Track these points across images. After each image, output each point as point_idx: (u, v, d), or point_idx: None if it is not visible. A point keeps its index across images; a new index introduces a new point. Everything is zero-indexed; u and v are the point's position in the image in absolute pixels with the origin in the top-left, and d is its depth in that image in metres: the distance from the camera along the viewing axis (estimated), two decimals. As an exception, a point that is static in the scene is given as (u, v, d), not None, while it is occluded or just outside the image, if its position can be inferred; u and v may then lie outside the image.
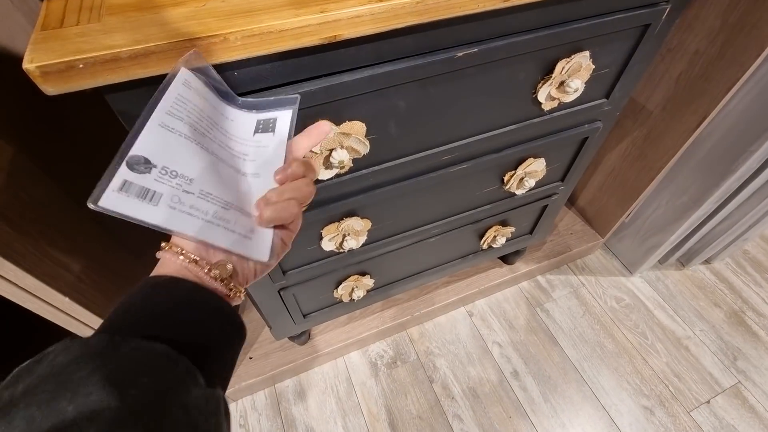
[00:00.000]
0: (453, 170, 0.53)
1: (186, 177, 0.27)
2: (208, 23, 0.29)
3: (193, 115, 0.28)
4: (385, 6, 0.31)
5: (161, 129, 0.26)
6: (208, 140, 0.29)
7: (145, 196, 0.25)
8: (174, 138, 0.27)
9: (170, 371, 0.21)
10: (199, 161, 0.27)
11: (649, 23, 0.46)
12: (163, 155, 0.26)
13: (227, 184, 0.29)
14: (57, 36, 0.27)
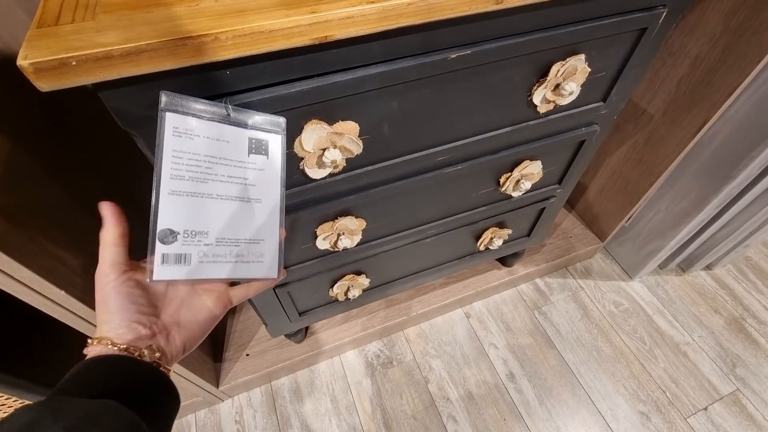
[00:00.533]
0: (448, 171, 0.54)
1: (203, 232, 0.33)
2: (200, 22, 0.29)
3: (192, 165, 0.32)
4: (376, 7, 0.31)
5: (171, 197, 0.32)
6: (212, 183, 0.33)
7: (180, 260, 0.33)
8: (183, 200, 0.32)
9: (121, 419, 0.25)
10: (208, 213, 0.33)
11: (646, 27, 0.46)
12: (180, 221, 0.32)
13: (236, 221, 0.35)
14: (52, 33, 0.28)
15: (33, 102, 0.48)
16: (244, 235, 0.35)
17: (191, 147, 0.32)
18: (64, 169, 0.51)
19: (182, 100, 0.31)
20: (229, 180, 0.34)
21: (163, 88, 0.31)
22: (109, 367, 0.28)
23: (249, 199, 0.35)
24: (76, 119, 0.56)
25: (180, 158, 0.31)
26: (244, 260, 0.35)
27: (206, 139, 0.33)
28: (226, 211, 0.34)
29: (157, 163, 0.31)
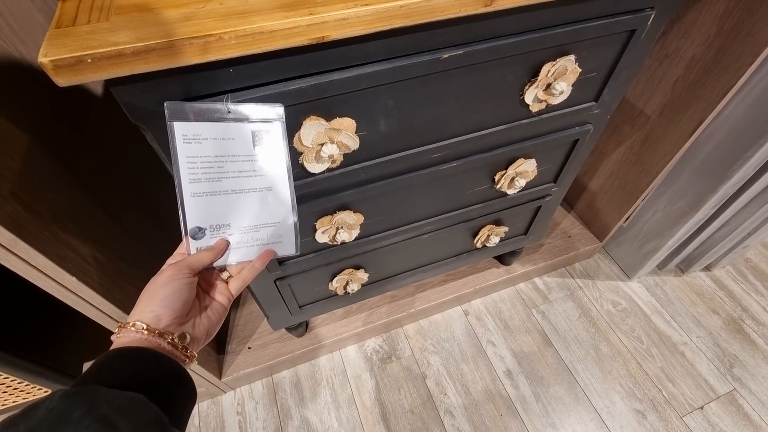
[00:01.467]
0: (443, 168, 0.55)
1: (225, 224, 0.38)
2: (205, 23, 0.31)
3: (205, 167, 0.36)
4: (370, 9, 0.33)
5: (193, 198, 0.36)
6: (225, 180, 0.37)
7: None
8: (204, 200, 0.37)
9: (147, 413, 0.26)
10: (227, 207, 0.38)
11: (635, 29, 0.48)
12: (204, 218, 0.38)
13: (252, 210, 0.39)
14: (69, 33, 0.30)
15: (49, 102, 0.51)
16: (261, 221, 0.40)
17: (201, 151, 0.35)
18: (76, 163, 0.53)
19: (185, 107, 0.34)
20: (240, 175, 0.37)
21: (171, 87, 0.33)
22: (135, 360, 0.30)
23: (260, 188, 0.39)
24: (88, 118, 0.58)
25: (194, 163, 0.35)
26: (264, 243, 0.41)
27: (213, 140, 0.35)
28: (242, 203, 0.38)
29: (175, 171, 0.35)
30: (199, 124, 0.35)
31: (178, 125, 0.34)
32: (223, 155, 0.36)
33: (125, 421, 0.24)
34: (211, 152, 0.36)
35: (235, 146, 0.37)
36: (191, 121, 0.35)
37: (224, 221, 0.38)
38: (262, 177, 0.38)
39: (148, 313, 0.33)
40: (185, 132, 0.35)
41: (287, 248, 0.42)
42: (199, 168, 0.36)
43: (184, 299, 0.34)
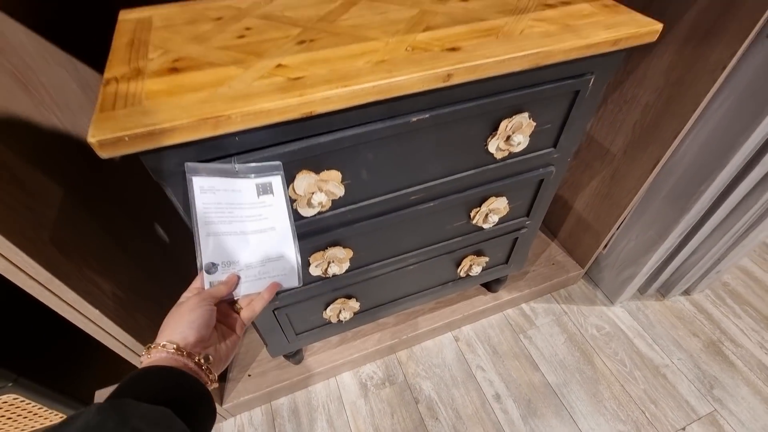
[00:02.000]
0: (422, 208, 0.63)
1: (235, 261, 0.45)
2: (217, 105, 0.40)
3: (218, 212, 0.43)
4: (347, 90, 0.42)
5: (208, 237, 0.43)
6: (236, 224, 0.44)
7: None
8: (217, 240, 0.44)
9: (175, 427, 0.29)
10: (237, 246, 0.45)
11: (579, 90, 0.56)
12: (217, 256, 0.44)
13: (258, 248, 0.46)
14: (110, 117, 0.38)
15: (82, 161, 0.59)
16: (267, 257, 0.46)
17: (215, 199, 0.43)
18: (102, 211, 0.61)
19: (201, 166, 0.42)
20: (247, 219, 0.45)
21: (189, 153, 0.41)
22: (164, 377, 0.34)
23: (265, 229, 0.46)
24: (114, 174, 0.67)
25: (208, 208, 0.42)
26: (271, 276, 0.47)
27: (224, 191, 0.43)
28: (249, 242, 0.45)
29: (193, 215, 0.42)
30: (212, 179, 0.43)
31: (196, 179, 0.42)
32: (233, 203, 0.44)
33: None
34: (222, 200, 0.43)
35: (243, 196, 0.44)
36: (206, 176, 0.42)
37: (234, 258, 0.45)
38: (266, 220, 0.46)
39: (177, 335, 0.37)
40: (202, 184, 0.42)
41: (291, 281, 0.48)
42: (213, 213, 0.43)
43: (207, 324, 0.39)
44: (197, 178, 0.42)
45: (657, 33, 0.52)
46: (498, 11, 0.55)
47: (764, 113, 0.65)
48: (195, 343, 0.38)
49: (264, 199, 0.45)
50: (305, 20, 0.54)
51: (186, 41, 0.50)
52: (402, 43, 0.48)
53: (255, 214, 0.45)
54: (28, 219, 0.44)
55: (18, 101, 0.49)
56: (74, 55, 0.65)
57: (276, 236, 0.46)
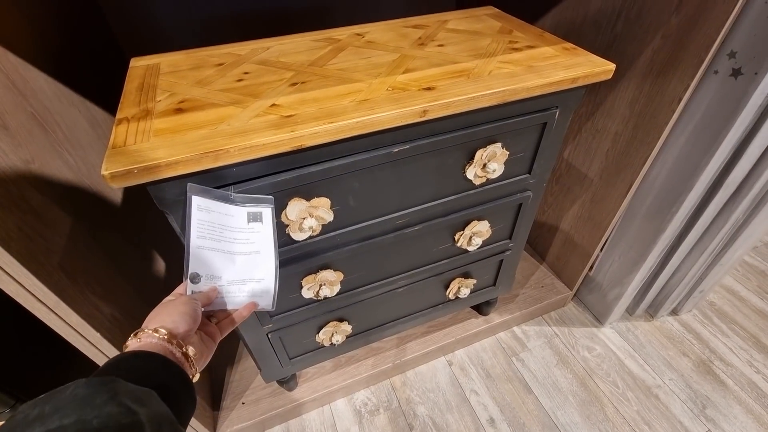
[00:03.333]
0: (407, 231, 0.67)
1: (218, 276, 0.48)
2: (216, 141, 0.45)
3: (210, 230, 0.47)
4: (334, 126, 0.47)
5: (197, 250, 0.47)
6: (224, 243, 0.48)
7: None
8: (204, 253, 0.47)
9: (161, 407, 0.30)
10: (222, 262, 0.48)
11: (546, 122, 0.62)
12: (202, 268, 0.47)
13: (241, 268, 0.49)
14: (121, 152, 0.43)
15: (88, 189, 0.64)
16: (248, 277, 0.50)
17: (209, 218, 0.47)
18: (106, 238, 0.65)
19: (201, 189, 0.46)
20: (234, 240, 0.49)
21: (189, 182, 0.46)
22: (149, 362, 0.35)
23: (250, 252, 0.50)
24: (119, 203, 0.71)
25: (202, 225, 0.46)
26: (249, 295, 0.50)
27: (218, 213, 0.47)
28: (234, 262, 0.49)
29: (186, 228, 0.46)
30: (210, 201, 0.47)
31: (195, 198, 0.46)
32: (224, 225, 0.48)
33: (144, 411, 0.27)
34: (215, 221, 0.47)
35: (234, 221, 0.49)
36: (204, 198, 0.46)
37: (218, 273, 0.48)
38: (253, 244, 0.50)
39: (169, 323, 0.39)
40: (200, 203, 0.46)
41: (266, 303, 0.51)
42: (206, 229, 0.47)
43: (195, 320, 0.41)
44: (196, 197, 0.46)
45: (611, 72, 0.58)
46: (470, 55, 0.62)
47: (720, 141, 0.71)
48: (183, 334, 0.39)
49: (253, 225, 0.49)
50: (298, 65, 0.60)
51: (190, 85, 0.56)
52: (383, 84, 0.54)
53: (243, 237, 0.49)
54: (40, 246, 0.48)
55: (36, 139, 0.54)
56: (85, 95, 0.72)
57: (260, 260, 0.50)
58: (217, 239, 0.48)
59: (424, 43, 0.66)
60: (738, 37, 0.64)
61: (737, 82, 0.66)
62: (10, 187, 0.46)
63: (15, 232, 0.44)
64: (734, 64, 0.66)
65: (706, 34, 0.65)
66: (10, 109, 0.50)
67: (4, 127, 0.48)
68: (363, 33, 0.70)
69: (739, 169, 0.76)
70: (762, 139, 0.71)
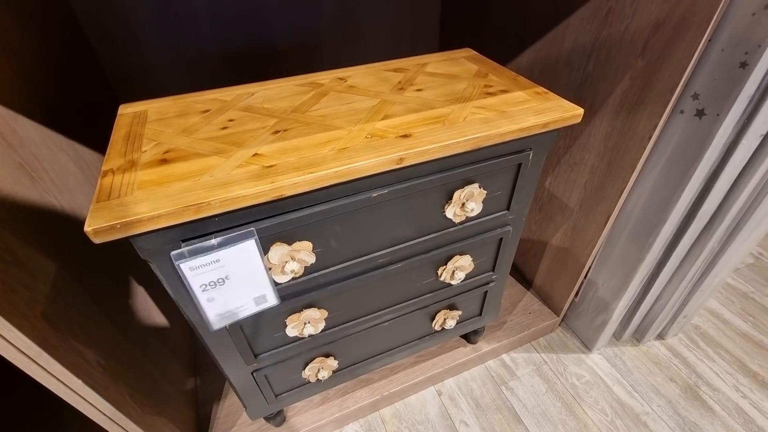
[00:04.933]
0: (390, 269, 0.68)
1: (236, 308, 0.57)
2: (199, 193, 0.46)
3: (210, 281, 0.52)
4: (313, 176, 0.49)
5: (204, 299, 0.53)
6: (227, 282, 0.53)
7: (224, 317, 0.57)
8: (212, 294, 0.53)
9: None
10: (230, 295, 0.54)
11: (521, 163, 0.65)
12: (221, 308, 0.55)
13: (243, 292, 0.56)
14: (105, 207, 0.44)
15: (75, 233, 0.65)
16: (254, 294, 0.57)
17: (206, 273, 0.50)
18: (90, 280, 0.65)
19: (186, 252, 0.48)
20: (234, 274, 0.52)
21: (173, 234, 0.47)
22: None
23: (246, 276, 0.54)
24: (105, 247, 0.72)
25: (203, 281, 0.50)
26: (258, 304, 0.58)
27: (212, 263, 0.50)
28: (238, 289, 0.54)
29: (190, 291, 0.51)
30: (198, 258, 0.49)
31: (184, 264, 0.48)
32: (221, 268, 0.51)
33: None
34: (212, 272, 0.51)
35: (227, 263, 0.51)
36: (192, 259, 0.49)
37: (230, 306, 0.55)
38: (247, 270, 0.53)
39: None
40: (192, 265, 0.49)
41: (271, 303, 0.59)
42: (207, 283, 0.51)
43: None
44: (185, 264, 0.48)
45: (580, 116, 0.61)
46: (446, 99, 0.65)
47: (689, 176, 0.74)
48: None
49: (243, 257, 0.52)
50: (281, 111, 0.63)
51: (176, 133, 0.58)
52: (362, 131, 0.57)
53: (238, 271, 0.52)
54: (24, 297, 0.48)
55: (23, 188, 0.55)
56: (74, 138, 0.73)
57: (256, 280, 0.55)
58: (221, 283, 0.52)
59: (404, 88, 0.69)
60: (700, 81, 0.68)
61: (702, 122, 0.70)
62: (-5, 240, 0.47)
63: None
64: (698, 105, 0.69)
65: (671, 76, 0.68)
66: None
67: (-9, 180, 0.50)
68: (345, 77, 0.73)
69: (709, 202, 0.78)
70: (729, 174, 0.74)
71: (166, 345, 0.93)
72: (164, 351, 0.90)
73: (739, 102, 0.64)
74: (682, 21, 0.65)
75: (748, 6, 0.59)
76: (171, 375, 0.88)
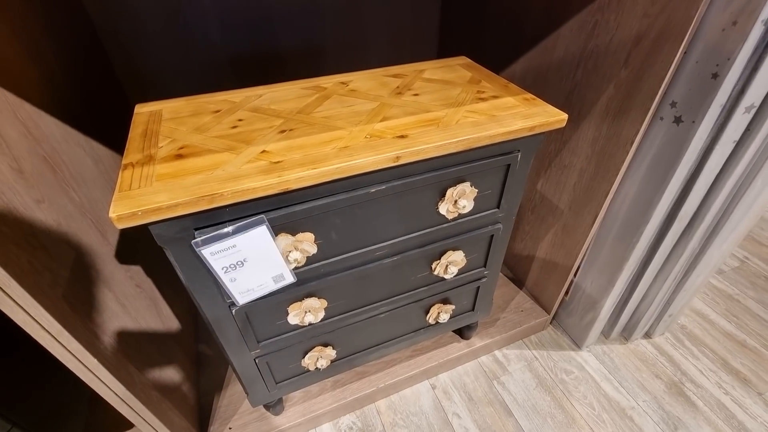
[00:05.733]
0: (386, 262, 0.72)
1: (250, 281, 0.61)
2: (212, 185, 0.50)
3: (230, 263, 0.57)
4: (317, 171, 0.53)
5: (232, 283, 0.59)
6: (245, 264, 0.58)
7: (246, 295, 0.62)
8: (237, 276, 0.59)
9: None
10: (249, 276, 0.59)
11: (510, 164, 0.69)
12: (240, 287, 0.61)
13: (263, 272, 0.60)
14: (126, 196, 0.49)
15: (91, 223, 0.69)
16: (272, 274, 0.61)
17: (226, 257, 0.55)
18: (105, 268, 0.70)
19: (206, 238, 0.52)
20: (251, 257, 0.57)
21: (187, 224, 0.51)
22: None
23: (262, 259, 0.58)
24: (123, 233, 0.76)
25: (224, 264, 0.55)
26: (276, 282, 0.62)
27: (230, 248, 0.54)
28: (257, 270, 0.59)
29: (214, 273, 0.56)
30: (217, 244, 0.54)
31: (206, 249, 0.53)
32: (239, 252, 0.56)
33: None
34: (230, 255, 0.55)
35: (243, 247, 0.56)
36: (212, 244, 0.53)
37: (250, 284, 0.61)
38: (263, 253, 0.58)
39: None
40: (213, 250, 0.54)
41: (288, 281, 0.63)
42: (228, 265, 0.56)
43: None
44: (206, 249, 0.53)
45: (564, 122, 0.66)
46: (441, 104, 0.69)
47: (668, 179, 0.78)
48: None
49: (257, 242, 0.57)
50: (287, 112, 0.67)
51: (189, 131, 0.62)
52: (362, 131, 0.61)
53: (254, 253, 0.57)
54: (47, 279, 0.52)
55: (47, 180, 0.60)
56: (89, 135, 0.78)
57: (272, 261, 0.60)
58: (240, 265, 0.57)
59: (402, 92, 0.73)
60: (677, 90, 0.73)
61: (679, 128, 0.74)
62: (24, 226, 0.51)
63: (27, 266, 0.49)
64: (675, 113, 0.74)
65: (651, 85, 0.73)
66: (26, 155, 0.56)
67: (20, 171, 0.54)
68: (347, 81, 0.78)
69: (689, 203, 0.83)
70: (705, 177, 0.79)
71: (170, 335, 0.97)
72: (169, 341, 0.94)
73: (712, 110, 0.69)
74: (660, 35, 0.70)
75: (719, 22, 0.64)
76: (175, 364, 0.91)
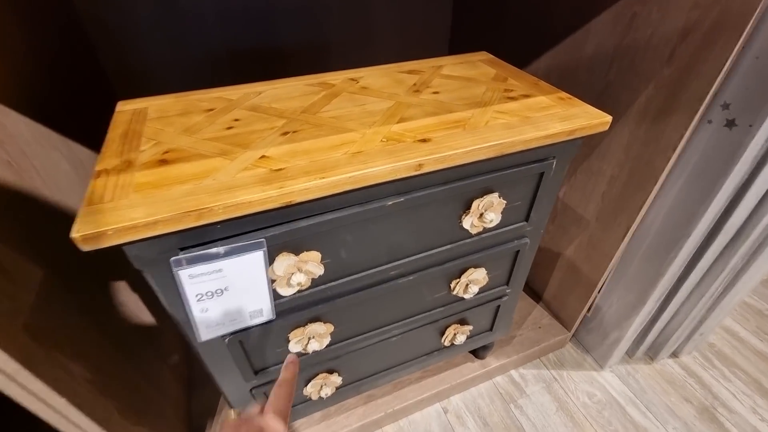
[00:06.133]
0: (401, 281, 0.64)
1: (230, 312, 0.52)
2: (200, 198, 0.42)
3: (205, 289, 0.47)
4: (326, 181, 0.45)
5: (198, 310, 0.49)
6: (226, 292, 0.48)
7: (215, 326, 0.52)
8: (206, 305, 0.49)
9: None
10: (230, 305, 0.50)
11: (543, 172, 0.61)
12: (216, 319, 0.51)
13: (243, 303, 0.51)
14: (96, 210, 0.40)
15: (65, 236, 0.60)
16: (250, 308, 0.53)
17: (205, 282, 0.46)
18: (82, 287, 0.61)
19: (186, 259, 0.44)
20: (234, 286, 0.48)
21: (171, 243, 0.43)
22: None
23: (246, 289, 0.50)
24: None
25: (201, 290, 0.46)
26: (252, 318, 0.54)
27: (213, 273, 0.46)
28: (235, 301, 0.50)
29: (184, 299, 0.46)
30: (201, 266, 0.45)
31: (182, 272, 0.44)
32: (225, 277, 0.47)
33: None
34: (210, 278, 0.46)
35: (231, 273, 0.47)
36: (194, 266, 0.45)
37: (225, 318, 0.51)
38: (250, 281, 0.49)
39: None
40: (192, 273, 0.45)
41: (268, 318, 0.55)
42: (201, 291, 0.47)
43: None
44: (183, 271, 0.44)
45: (608, 124, 0.58)
46: (465, 103, 0.61)
47: (716, 189, 0.70)
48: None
49: (247, 267, 0.48)
50: (290, 111, 0.59)
51: (177, 133, 0.54)
52: (378, 134, 0.53)
53: (241, 280, 0.49)
54: (6, 308, 0.44)
55: (9, 189, 0.51)
56: (69, 136, 0.69)
57: (257, 292, 0.51)
58: (221, 293, 0.48)
59: (419, 90, 0.65)
60: (731, 90, 0.65)
61: (732, 133, 0.66)
62: (-26, 245, 0.43)
63: (-25, 295, 0.40)
64: (728, 115, 0.66)
65: (699, 85, 0.65)
66: (-18, 159, 0.47)
67: (-26, 179, 0.45)
68: (357, 78, 0.69)
69: (736, 216, 0.75)
70: (758, 187, 0.70)
71: (159, 356, 0.88)
72: (158, 363, 0.85)
73: (775, 112, 0.60)
74: (713, 27, 0.61)
75: (789, 11, 0.55)
76: (164, 388, 0.83)
